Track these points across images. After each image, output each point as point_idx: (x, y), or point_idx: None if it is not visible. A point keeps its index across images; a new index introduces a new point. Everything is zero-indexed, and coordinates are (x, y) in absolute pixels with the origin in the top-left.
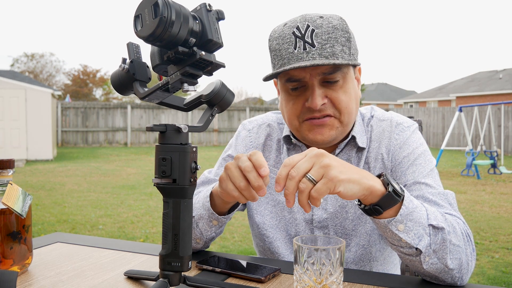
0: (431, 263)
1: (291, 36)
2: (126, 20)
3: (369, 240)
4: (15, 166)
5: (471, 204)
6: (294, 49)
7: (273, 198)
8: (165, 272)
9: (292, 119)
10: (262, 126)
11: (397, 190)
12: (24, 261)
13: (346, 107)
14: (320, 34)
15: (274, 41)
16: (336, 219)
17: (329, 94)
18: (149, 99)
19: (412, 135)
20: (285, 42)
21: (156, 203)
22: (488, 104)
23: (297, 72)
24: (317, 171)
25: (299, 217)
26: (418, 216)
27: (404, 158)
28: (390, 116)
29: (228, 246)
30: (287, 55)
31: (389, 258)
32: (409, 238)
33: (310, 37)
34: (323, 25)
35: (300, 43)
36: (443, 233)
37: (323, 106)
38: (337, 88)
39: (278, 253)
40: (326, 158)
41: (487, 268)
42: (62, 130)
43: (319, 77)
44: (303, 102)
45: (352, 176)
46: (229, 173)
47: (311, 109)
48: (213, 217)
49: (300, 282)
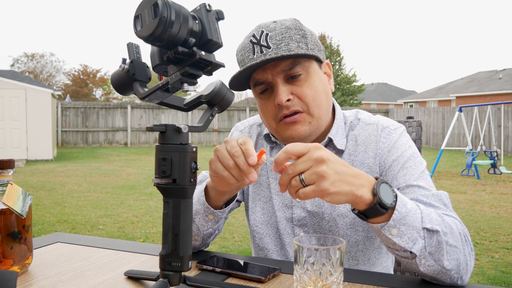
0: (428, 265)
1: (249, 44)
2: (126, 20)
3: (349, 240)
4: (15, 166)
5: (471, 204)
6: (253, 55)
7: (264, 195)
8: (165, 272)
9: (269, 121)
10: (253, 126)
11: (383, 203)
12: (24, 261)
13: (313, 100)
14: (274, 36)
15: (239, 54)
16: (314, 218)
17: (294, 90)
18: (149, 99)
19: (399, 138)
20: (246, 51)
21: (156, 203)
22: (488, 104)
23: (259, 74)
24: (310, 177)
25: (280, 215)
26: (412, 220)
27: (394, 161)
28: (376, 120)
29: (228, 246)
30: (248, 61)
31: (377, 260)
32: (402, 242)
33: (265, 40)
34: (276, 28)
35: (257, 48)
36: (438, 235)
37: (290, 102)
38: (301, 82)
39: (267, 249)
40: (324, 165)
41: (487, 268)
42: (62, 130)
43: (281, 74)
44: (273, 103)
45: (342, 189)
46: (218, 154)
47: (279, 106)
48: (208, 211)
49: (300, 282)
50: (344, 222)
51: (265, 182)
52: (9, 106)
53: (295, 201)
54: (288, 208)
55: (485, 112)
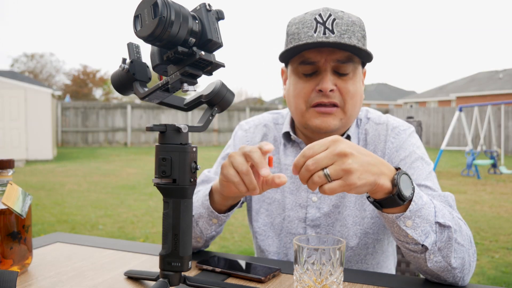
0: (436, 261)
1: (312, 22)
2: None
3: (359, 242)
4: (15, 166)
5: (471, 204)
6: (314, 33)
7: (269, 196)
8: (165, 272)
9: (299, 103)
10: (259, 126)
11: (402, 195)
12: (24, 261)
13: (351, 98)
14: (341, 24)
15: (293, 26)
16: (329, 219)
17: (339, 84)
18: (149, 99)
19: (408, 138)
20: (306, 26)
21: (156, 203)
22: (488, 104)
23: (313, 54)
24: (337, 172)
25: (292, 214)
26: (427, 213)
27: (401, 161)
28: (386, 120)
29: (228, 246)
30: (305, 37)
31: (383, 263)
32: (416, 234)
33: (331, 24)
34: (343, 18)
35: (321, 28)
36: (449, 231)
37: (332, 92)
38: (347, 79)
39: (268, 251)
40: (349, 159)
41: (487, 268)
42: (62, 130)
43: (333, 63)
44: (313, 87)
45: (367, 180)
46: (232, 159)
47: (321, 92)
48: (212, 216)
49: (300, 282)
50: (354, 222)
51: None
52: (9, 106)
53: (310, 200)
54: (302, 208)
55: (485, 112)
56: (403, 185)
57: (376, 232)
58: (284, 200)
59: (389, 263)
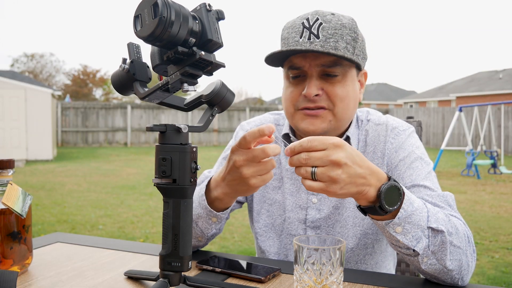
0: (430, 263)
1: (299, 26)
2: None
3: (358, 243)
4: (15, 166)
5: (471, 204)
6: (300, 38)
7: (270, 198)
8: (165, 272)
9: (288, 106)
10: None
11: (383, 206)
12: (24, 261)
13: (341, 101)
14: (327, 29)
15: (285, 31)
16: (329, 220)
17: (326, 87)
18: (149, 99)
19: (408, 139)
20: (294, 31)
21: (156, 203)
22: (488, 104)
23: (298, 60)
24: (323, 176)
25: (293, 216)
26: (417, 218)
27: (400, 161)
28: (385, 120)
29: (228, 246)
30: (292, 42)
31: (382, 263)
32: (406, 240)
33: (316, 29)
34: (332, 21)
35: (306, 33)
36: (443, 235)
37: (317, 97)
38: (335, 82)
39: (269, 252)
40: (340, 169)
41: (487, 268)
42: (62, 130)
43: (319, 68)
44: (300, 91)
45: (350, 191)
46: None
47: (306, 98)
48: (211, 214)
49: (300, 282)
50: (354, 223)
51: (273, 185)
52: (9, 106)
53: (310, 202)
54: (302, 209)
55: (485, 112)
56: (388, 197)
57: (376, 232)
58: (285, 202)
59: (387, 263)
